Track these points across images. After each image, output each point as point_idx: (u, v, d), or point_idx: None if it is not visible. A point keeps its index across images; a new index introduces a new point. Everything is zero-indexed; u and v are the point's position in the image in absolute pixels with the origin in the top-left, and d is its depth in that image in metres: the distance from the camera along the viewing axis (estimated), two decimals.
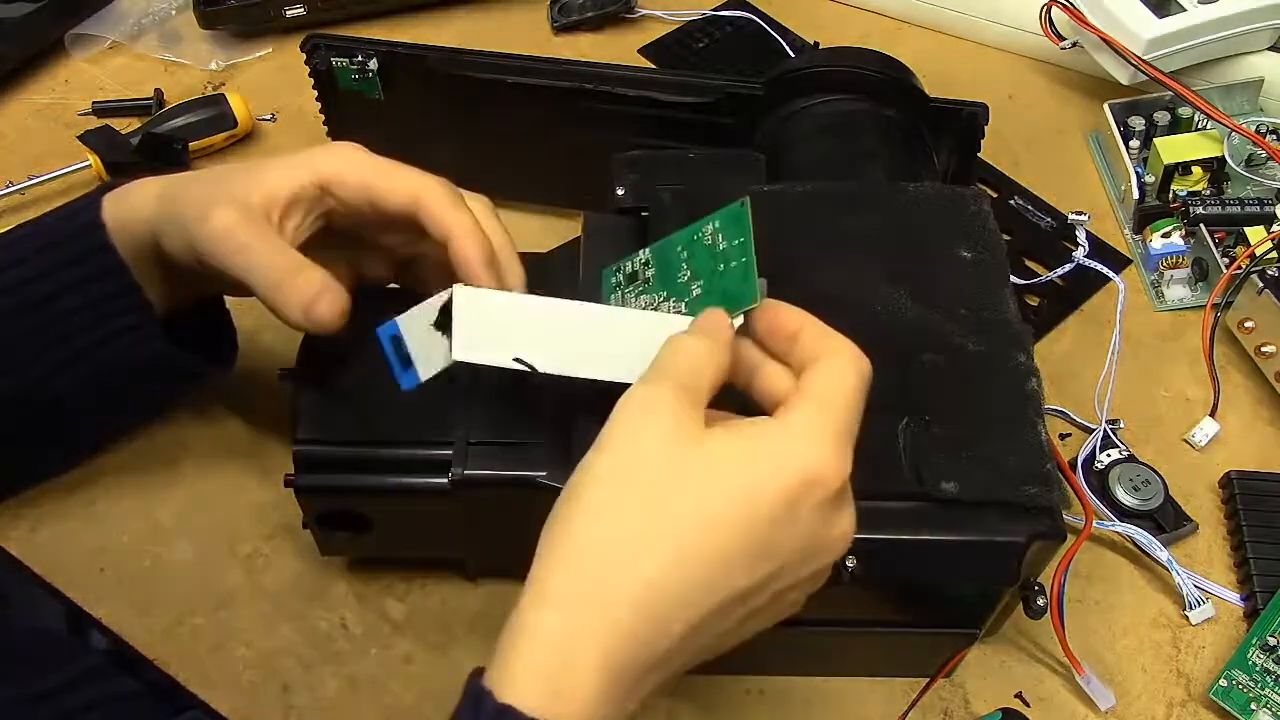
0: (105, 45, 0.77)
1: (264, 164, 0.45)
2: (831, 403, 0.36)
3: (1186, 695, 0.51)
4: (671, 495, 0.34)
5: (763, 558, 0.34)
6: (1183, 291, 0.65)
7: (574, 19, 0.79)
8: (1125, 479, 0.56)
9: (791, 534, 0.34)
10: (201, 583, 0.53)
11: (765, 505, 0.34)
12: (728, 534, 0.34)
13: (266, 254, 0.43)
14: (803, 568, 0.36)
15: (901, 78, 0.59)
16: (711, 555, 0.34)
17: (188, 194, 0.45)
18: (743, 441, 0.35)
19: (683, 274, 0.43)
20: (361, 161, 0.45)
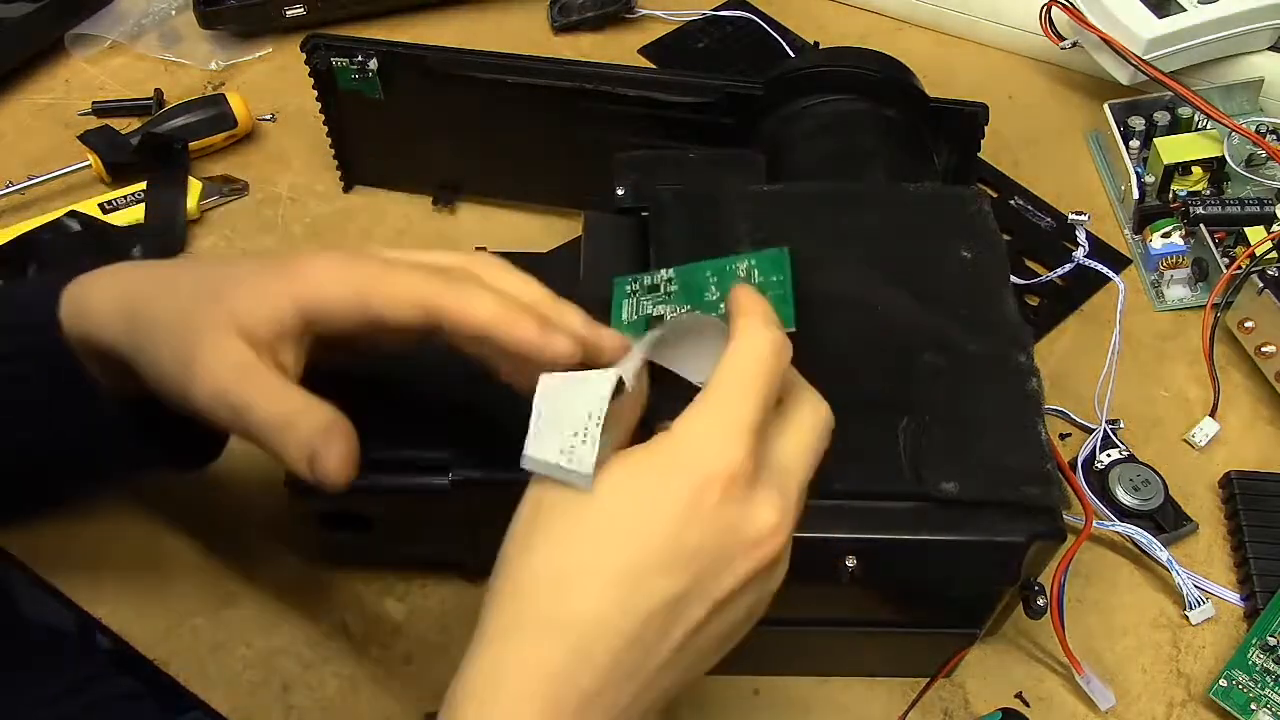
0: (105, 45, 0.77)
1: (234, 292, 0.39)
2: (722, 394, 0.35)
3: (1186, 695, 0.51)
4: (573, 526, 0.34)
5: (675, 565, 0.34)
6: (1183, 291, 0.65)
7: (574, 19, 0.79)
8: (1125, 479, 0.56)
9: (701, 535, 0.34)
10: (201, 583, 0.53)
11: (662, 513, 0.34)
12: (630, 549, 0.34)
13: (261, 407, 0.38)
14: (733, 568, 0.35)
15: (901, 78, 0.59)
16: (617, 574, 0.33)
17: (157, 324, 0.40)
18: (634, 460, 0.35)
19: (711, 293, 0.44)
20: (346, 277, 0.39)
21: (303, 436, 0.38)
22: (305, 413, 0.39)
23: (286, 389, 0.39)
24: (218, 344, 0.39)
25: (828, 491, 0.42)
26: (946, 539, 0.42)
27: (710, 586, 0.35)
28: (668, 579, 0.34)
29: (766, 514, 0.35)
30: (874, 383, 0.45)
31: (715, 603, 0.35)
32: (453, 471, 0.45)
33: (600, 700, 0.33)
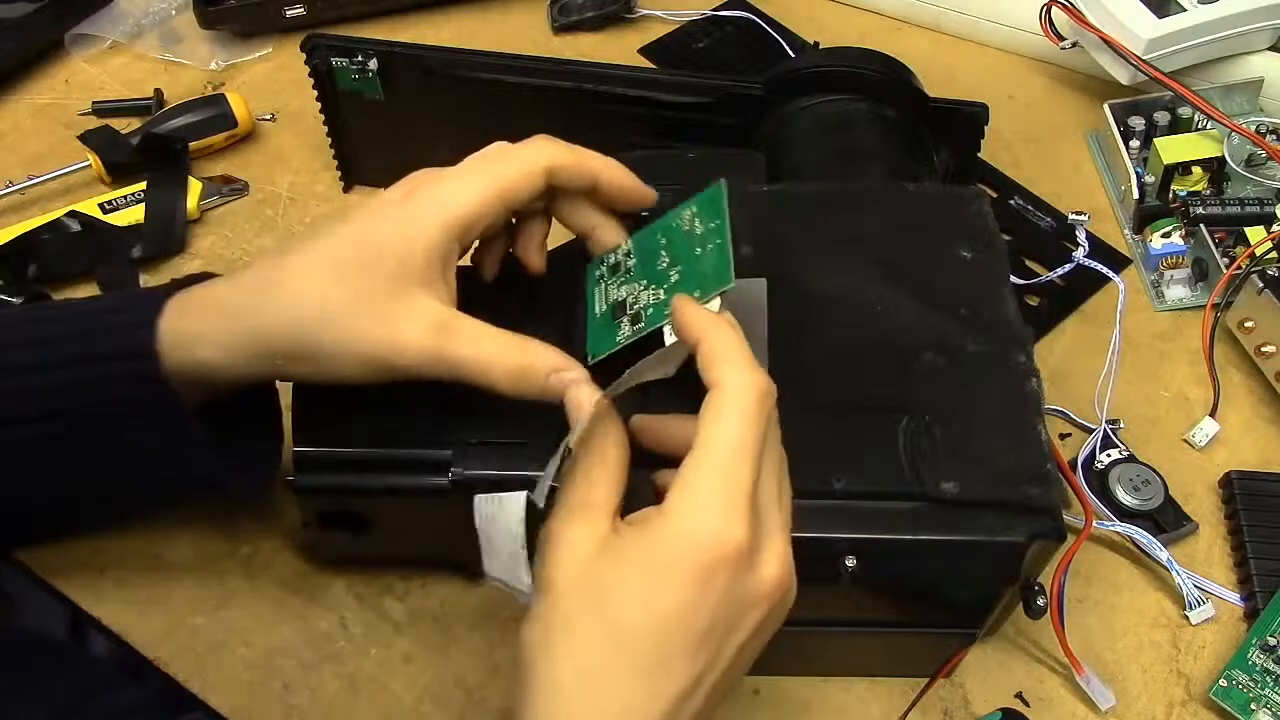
0: (105, 45, 0.77)
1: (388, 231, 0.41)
2: (715, 463, 0.36)
3: (1186, 695, 0.51)
4: (591, 626, 0.35)
5: (695, 647, 0.35)
6: (1183, 291, 0.65)
7: (574, 19, 0.79)
8: (1125, 479, 0.56)
9: (714, 612, 0.35)
10: (201, 583, 0.53)
11: (674, 604, 0.35)
12: (650, 643, 0.35)
13: (484, 357, 0.41)
14: (745, 625, 0.36)
15: (901, 78, 0.59)
16: (642, 667, 0.35)
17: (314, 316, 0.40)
18: (637, 553, 0.36)
19: (662, 261, 0.43)
20: (474, 183, 0.42)
21: (539, 382, 0.41)
22: (525, 354, 0.41)
23: (488, 335, 0.41)
24: (404, 313, 0.40)
25: (828, 491, 0.42)
26: (946, 539, 0.42)
27: (726, 649, 0.36)
28: (690, 660, 0.35)
29: (771, 570, 0.36)
30: (874, 383, 0.45)
31: (732, 660, 0.36)
32: (453, 471, 0.45)
33: None
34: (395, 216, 0.41)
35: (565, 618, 0.36)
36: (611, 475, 0.38)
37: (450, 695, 0.50)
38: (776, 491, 0.38)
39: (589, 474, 0.38)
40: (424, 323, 0.40)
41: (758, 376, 0.37)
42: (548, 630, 0.36)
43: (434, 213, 0.41)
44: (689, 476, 0.36)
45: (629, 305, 0.44)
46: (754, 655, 0.38)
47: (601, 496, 0.38)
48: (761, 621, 0.37)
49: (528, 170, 0.43)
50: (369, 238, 0.41)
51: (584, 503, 0.37)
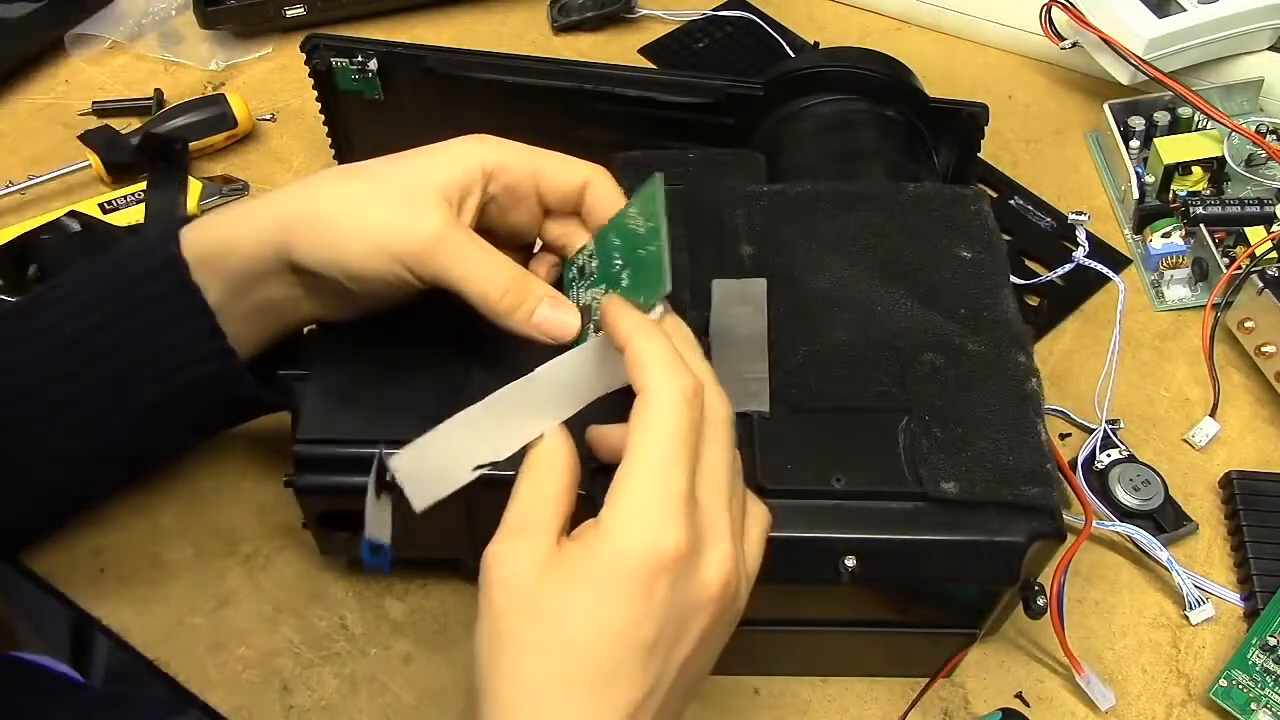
0: (105, 45, 0.77)
1: (414, 158, 0.44)
2: (646, 470, 0.35)
3: (1186, 695, 0.51)
4: (534, 643, 0.35)
5: (645, 656, 0.35)
6: (1183, 291, 0.65)
7: (574, 19, 0.79)
8: (1125, 479, 0.56)
9: (659, 622, 0.35)
10: (201, 583, 0.53)
11: (620, 615, 0.34)
12: (595, 658, 0.34)
13: (484, 261, 0.42)
14: (692, 630, 0.36)
15: (901, 78, 0.59)
16: (588, 683, 0.34)
17: (335, 209, 0.43)
18: (576, 566, 0.35)
19: (615, 262, 0.42)
20: (526, 149, 0.45)
21: (531, 293, 0.42)
22: (526, 275, 0.43)
23: (496, 252, 0.43)
24: (422, 212, 0.42)
25: (828, 492, 0.42)
26: (946, 539, 0.42)
27: (675, 655, 0.36)
28: (641, 669, 0.35)
29: (714, 571, 0.36)
30: (874, 383, 0.45)
31: (684, 662, 0.36)
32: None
33: None
34: (426, 150, 0.44)
35: (509, 637, 0.35)
36: (556, 494, 0.38)
37: (450, 695, 0.50)
38: (723, 492, 0.37)
39: (532, 494, 0.38)
40: (439, 221, 0.42)
41: (682, 378, 0.36)
42: (494, 650, 0.35)
43: (471, 148, 0.44)
44: (620, 486, 0.36)
45: (592, 311, 0.43)
46: (711, 658, 0.38)
47: (545, 515, 0.37)
48: (710, 625, 0.36)
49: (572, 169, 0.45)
50: (396, 162, 0.44)
51: (523, 524, 0.37)
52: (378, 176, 0.43)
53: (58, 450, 0.46)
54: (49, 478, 0.47)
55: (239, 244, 0.44)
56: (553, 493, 0.38)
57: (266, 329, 0.47)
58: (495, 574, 0.36)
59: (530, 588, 0.35)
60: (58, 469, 0.47)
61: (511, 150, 0.45)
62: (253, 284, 0.44)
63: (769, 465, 0.42)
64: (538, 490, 0.38)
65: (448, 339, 0.47)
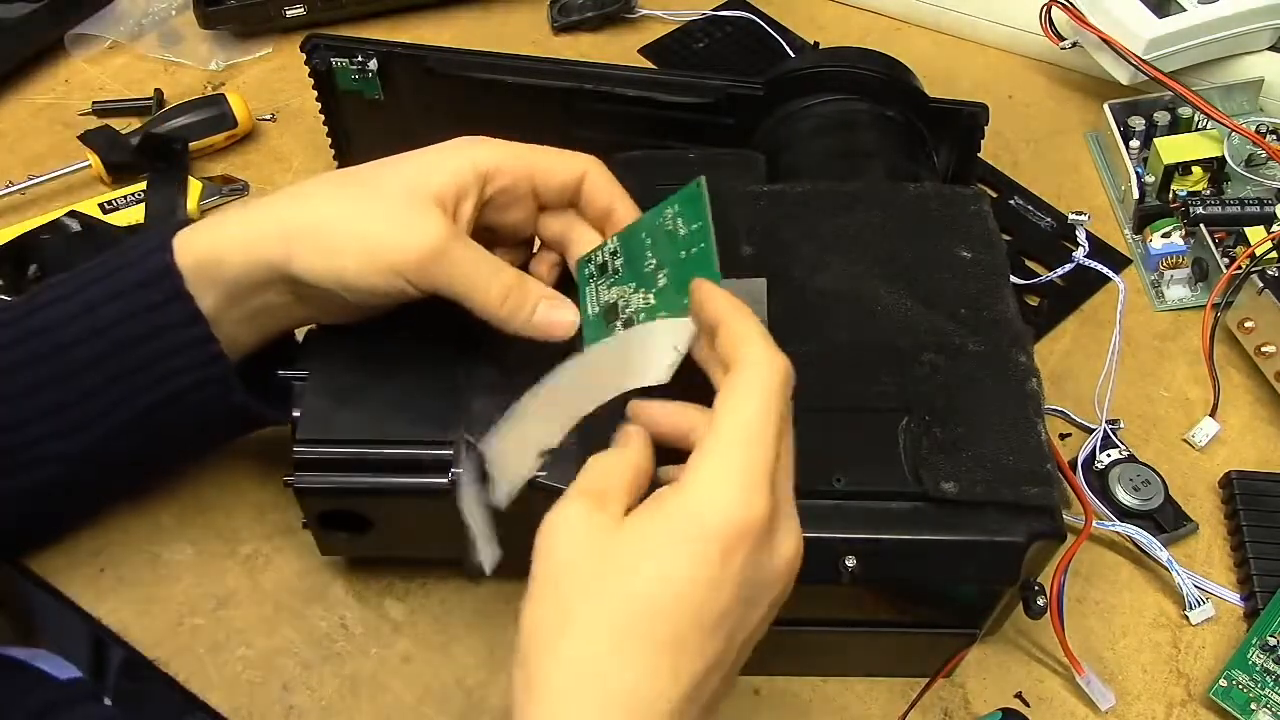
0: (105, 45, 0.77)
1: (408, 163, 0.44)
2: (731, 443, 0.35)
3: (1186, 695, 0.51)
4: (605, 606, 0.34)
5: (714, 625, 0.34)
6: (1183, 291, 0.65)
7: (574, 19, 0.79)
8: (1125, 479, 0.56)
9: (735, 590, 0.34)
10: (201, 583, 0.53)
11: (695, 578, 0.34)
12: (669, 622, 0.33)
13: (481, 271, 0.43)
14: (755, 611, 0.36)
15: (901, 78, 0.59)
16: (661, 647, 0.33)
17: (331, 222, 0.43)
18: (652, 525, 0.35)
19: (649, 262, 0.43)
20: (519, 148, 0.45)
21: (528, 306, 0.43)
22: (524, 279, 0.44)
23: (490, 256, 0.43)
24: (417, 219, 0.42)
25: (828, 492, 0.42)
26: (946, 539, 0.42)
27: (742, 630, 0.35)
28: (709, 638, 0.34)
29: (788, 546, 0.36)
30: (874, 383, 0.45)
31: (744, 642, 0.36)
32: (453, 471, 0.45)
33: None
34: (420, 154, 0.45)
35: (575, 591, 0.34)
36: (633, 463, 0.37)
37: (450, 695, 0.50)
38: (792, 475, 0.37)
39: (605, 464, 0.37)
40: (435, 234, 0.42)
41: (782, 357, 0.37)
42: (557, 607, 0.34)
43: (465, 149, 0.44)
44: (710, 450, 0.35)
45: (620, 309, 0.43)
46: (758, 639, 0.38)
47: (614, 485, 0.36)
48: (776, 601, 0.36)
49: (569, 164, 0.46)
50: (390, 168, 0.44)
51: (593, 486, 0.36)
52: (373, 185, 0.43)
53: (53, 452, 0.46)
54: (47, 478, 0.47)
55: (235, 254, 0.44)
56: (630, 461, 0.37)
57: (260, 333, 0.47)
58: (562, 533, 0.35)
59: (600, 544, 0.35)
60: (54, 470, 0.47)
61: (506, 150, 0.45)
62: (248, 293, 0.45)
63: None
64: (614, 457, 0.38)
65: (447, 339, 0.47)
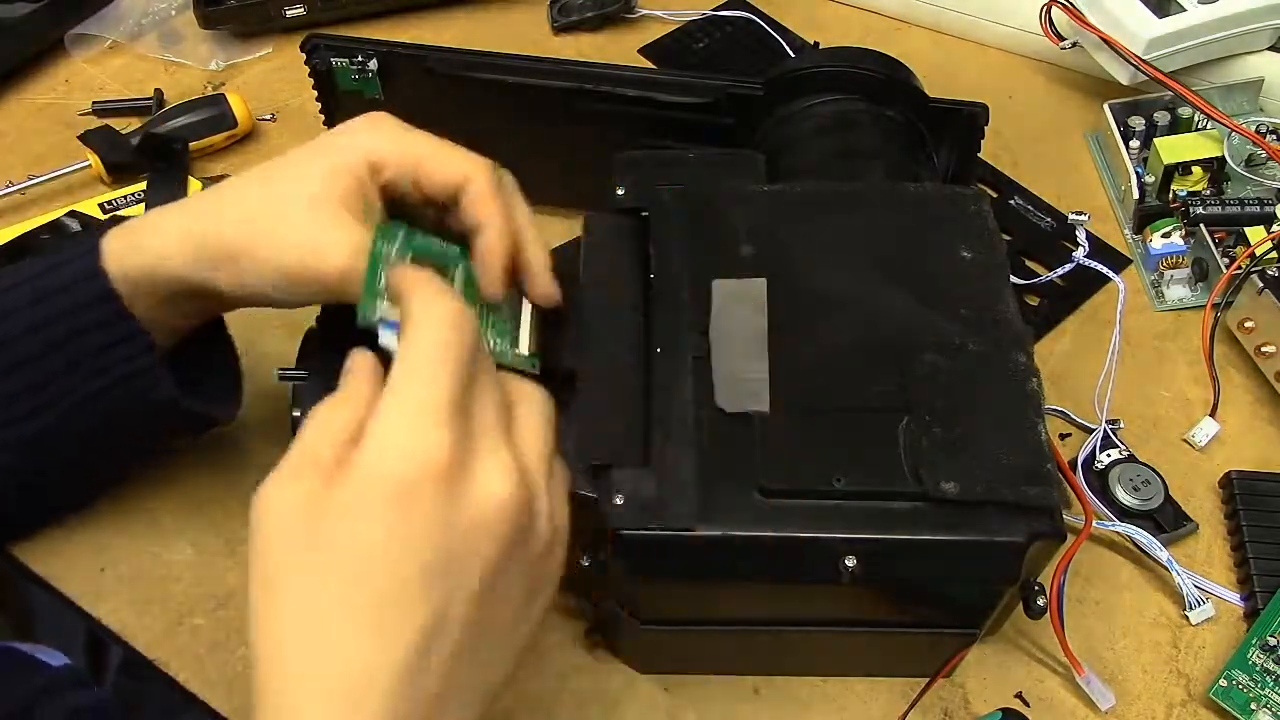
0: (105, 45, 0.77)
1: (307, 159, 0.43)
2: (397, 389, 0.34)
3: (1186, 695, 0.51)
4: (302, 578, 0.33)
5: (421, 580, 0.32)
6: (1183, 291, 0.65)
7: (574, 19, 0.79)
8: (1125, 479, 0.56)
9: (432, 538, 0.32)
10: (201, 583, 0.53)
11: (382, 534, 0.32)
12: (365, 588, 0.32)
13: None
14: (478, 556, 0.33)
15: (901, 78, 0.59)
16: (362, 616, 0.32)
17: (246, 246, 0.43)
18: (339, 488, 0.33)
19: None
20: (409, 140, 0.44)
21: None
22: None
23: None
24: (329, 228, 0.42)
25: (828, 492, 0.42)
26: (946, 539, 0.42)
27: (458, 589, 0.33)
28: (419, 596, 0.32)
29: (493, 484, 0.33)
30: (874, 383, 0.45)
31: (475, 595, 0.33)
32: None
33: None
34: (323, 142, 0.44)
35: (279, 571, 0.33)
36: (341, 427, 0.35)
37: None
38: (493, 411, 0.35)
39: (313, 430, 0.35)
40: (348, 242, 0.42)
41: (451, 303, 0.35)
42: (265, 591, 0.33)
43: (356, 142, 0.43)
44: (380, 404, 0.33)
45: None
46: (525, 608, 0.35)
47: (322, 452, 0.34)
48: (501, 556, 0.33)
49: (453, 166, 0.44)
50: (292, 172, 0.43)
51: (296, 463, 0.34)
52: (280, 201, 0.43)
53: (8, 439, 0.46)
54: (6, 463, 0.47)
55: (163, 274, 0.44)
56: (338, 425, 0.35)
57: (199, 319, 0.48)
58: (263, 514, 0.34)
59: (299, 521, 0.33)
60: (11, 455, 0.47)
61: (395, 141, 0.44)
62: (182, 300, 0.45)
63: (770, 465, 0.42)
64: (320, 425, 0.35)
65: None
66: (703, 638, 0.48)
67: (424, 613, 0.32)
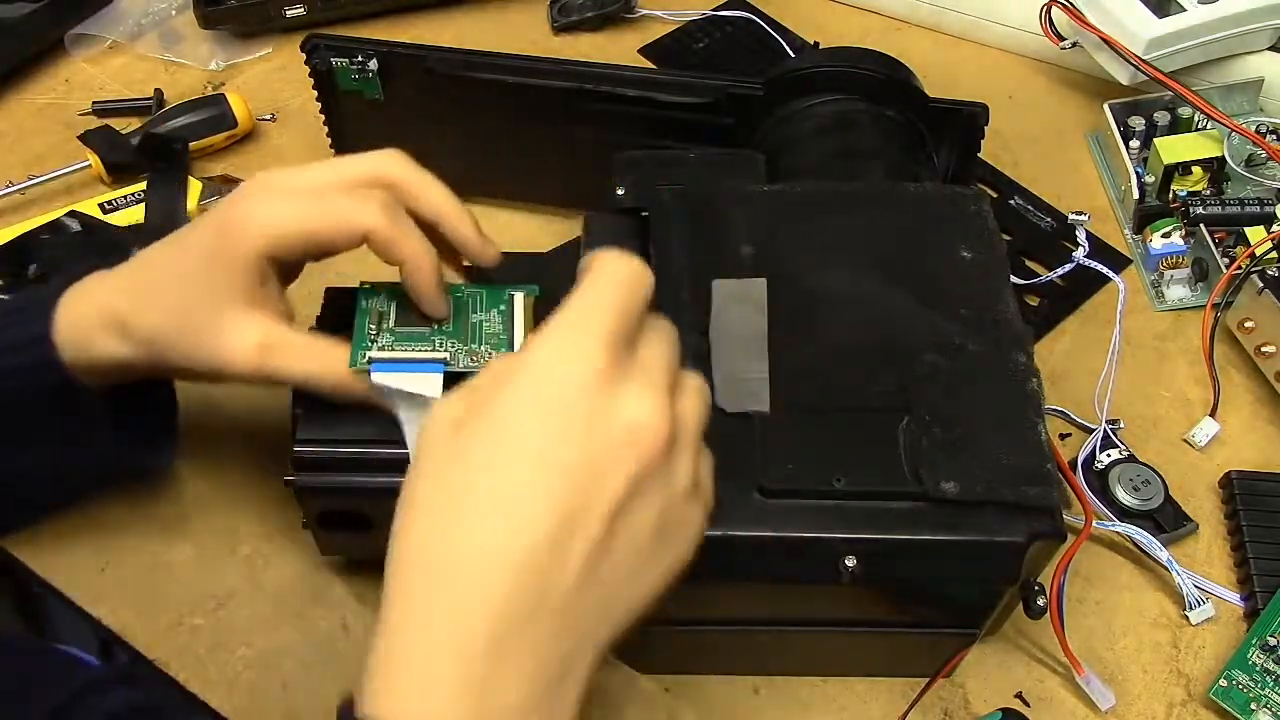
0: (105, 45, 0.77)
1: (215, 261, 0.43)
2: (576, 308, 0.35)
3: (1186, 695, 0.51)
4: (444, 464, 0.34)
5: (553, 480, 0.32)
6: (1183, 291, 0.65)
7: (574, 19, 0.79)
8: (1125, 479, 0.56)
9: (572, 442, 0.33)
10: (201, 583, 0.53)
11: (527, 428, 0.33)
12: (503, 473, 0.33)
13: (307, 364, 0.44)
14: (616, 471, 0.33)
15: (901, 78, 0.59)
16: (494, 500, 0.32)
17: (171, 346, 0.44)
18: (491, 393, 0.34)
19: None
20: (298, 215, 0.43)
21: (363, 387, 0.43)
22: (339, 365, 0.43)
23: (312, 349, 0.44)
24: (229, 330, 0.43)
25: (828, 492, 0.42)
26: (946, 539, 0.42)
27: (596, 495, 0.33)
28: (548, 495, 0.32)
29: (637, 407, 0.34)
30: (874, 383, 0.45)
31: (607, 513, 0.33)
32: None
33: (512, 639, 0.32)
34: (217, 229, 0.43)
35: (411, 496, 0.34)
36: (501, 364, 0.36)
37: None
38: (662, 364, 0.36)
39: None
40: (251, 339, 0.43)
41: (624, 256, 0.36)
42: (398, 518, 0.34)
43: (247, 234, 0.43)
44: (550, 320, 0.35)
45: None
46: (656, 540, 0.35)
47: (483, 380, 0.35)
48: (638, 476, 0.33)
49: (349, 229, 0.42)
50: (199, 252, 0.44)
51: (455, 392, 0.35)
52: (186, 313, 0.44)
53: None
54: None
55: (104, 360, 0.45)
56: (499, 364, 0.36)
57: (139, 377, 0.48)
58: (419, 443, 0.35)
59: (447, 436, 0.34)
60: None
61: (279, 218, 0.43)
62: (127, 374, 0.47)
63: (770, 465, 0.42)
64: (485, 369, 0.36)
65: None
66: (703, 638, 0.48)
67: (561, 507, 0.32)
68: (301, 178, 0.44)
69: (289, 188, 0.44)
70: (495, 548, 0.32)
